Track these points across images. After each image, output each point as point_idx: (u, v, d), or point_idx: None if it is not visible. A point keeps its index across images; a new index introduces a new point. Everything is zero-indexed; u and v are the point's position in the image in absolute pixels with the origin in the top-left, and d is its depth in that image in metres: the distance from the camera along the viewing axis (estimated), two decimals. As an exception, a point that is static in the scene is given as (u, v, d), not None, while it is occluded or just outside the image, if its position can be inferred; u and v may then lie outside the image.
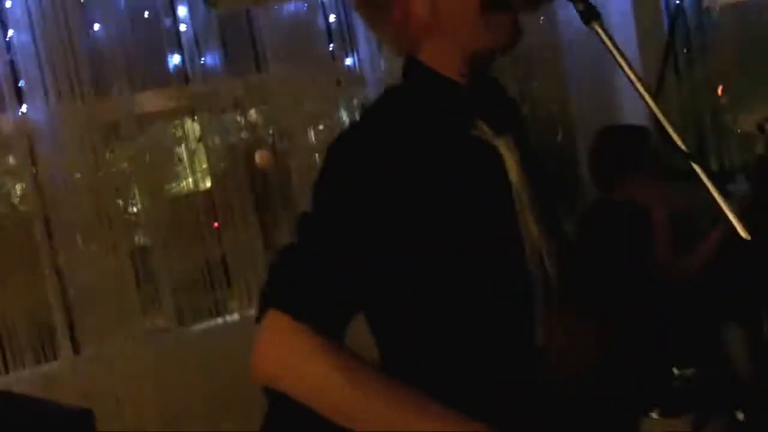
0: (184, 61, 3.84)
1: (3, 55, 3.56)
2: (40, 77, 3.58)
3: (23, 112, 3.59)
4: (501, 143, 1.37)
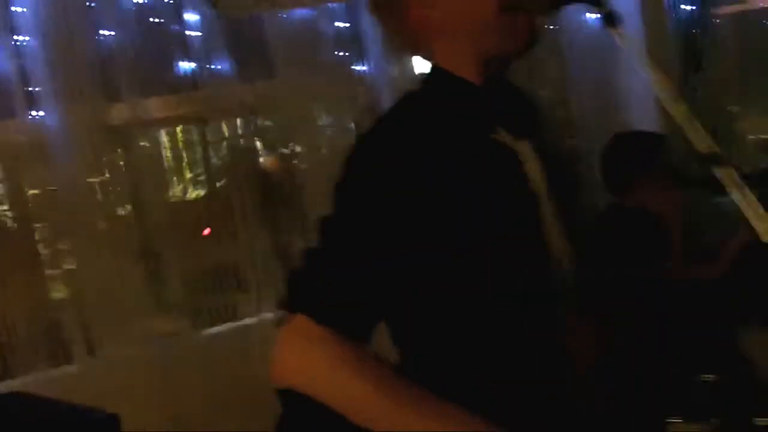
0: (193, 66, 3.83)
1: (13, 60, 3.56)
2: (50, 82, 3.58)
3: (32, 116, 3.59)
4: (521, 148, 1.37)
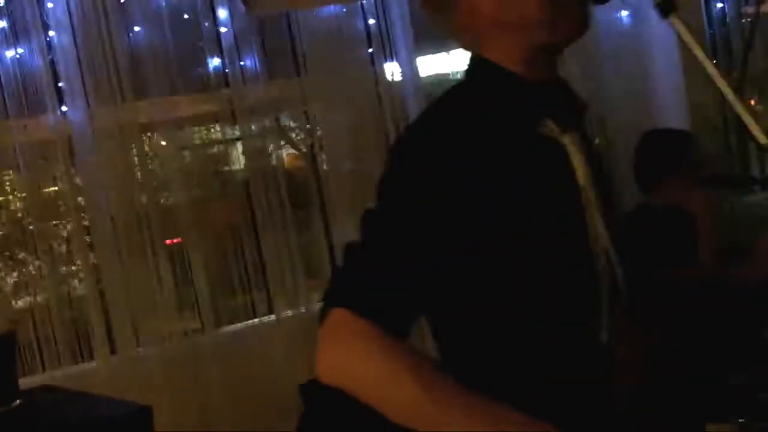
0: (223, 63, 3.84)
1: (44, 56, 3.58)
2: (80, 78, 3.60)
3: (63, 111, 3.61)
4: (568, 140, 1.36)
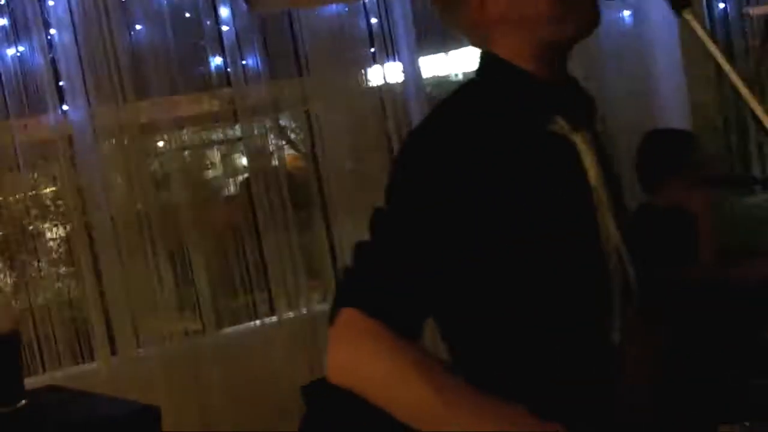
0: (225, 62, 3.83)
1: (44, 54, 3.57)
2: (81, 77, 3.59)
3: (64, 111, 3.59)
4: (579, 139, 1.35)
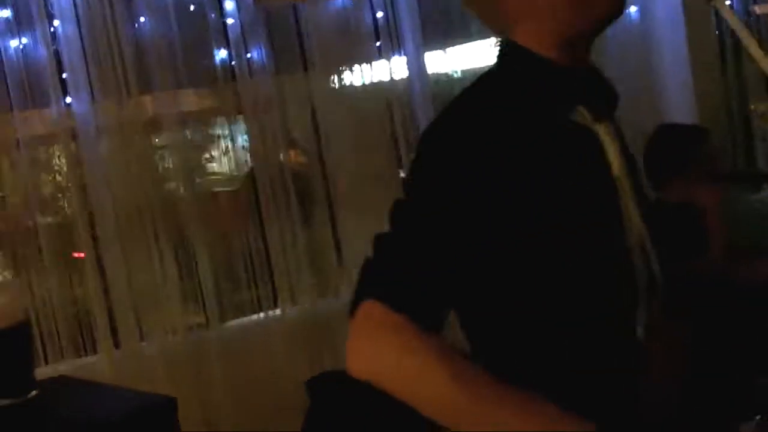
0: (230, 56, 3.80)
1: (48, 46, 3.54)
2: (85, 69, 3.56)
3: (67, 103, 3.57)
4: (601, 130, 1.33)
